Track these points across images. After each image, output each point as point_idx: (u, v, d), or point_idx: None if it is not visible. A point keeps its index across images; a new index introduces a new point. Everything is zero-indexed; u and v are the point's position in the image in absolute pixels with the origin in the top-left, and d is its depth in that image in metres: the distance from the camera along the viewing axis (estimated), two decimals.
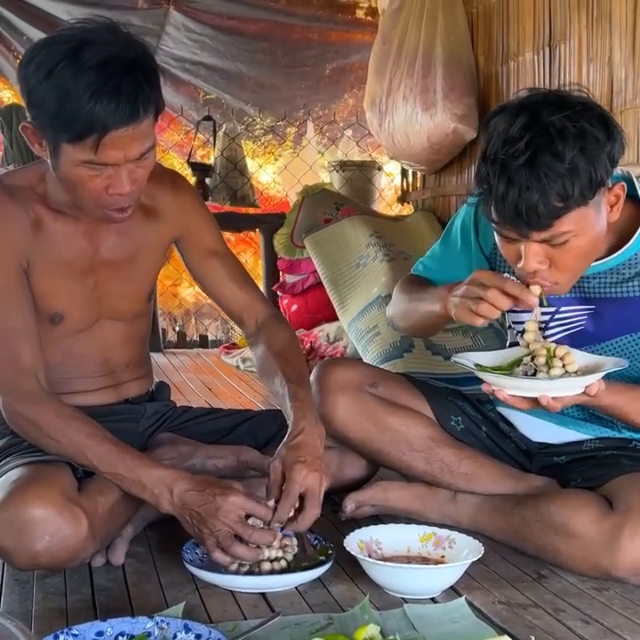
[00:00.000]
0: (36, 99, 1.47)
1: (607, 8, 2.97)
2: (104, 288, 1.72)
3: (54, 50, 1.45)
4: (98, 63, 1.42)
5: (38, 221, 1.63)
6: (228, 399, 3.45)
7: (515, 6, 3.63)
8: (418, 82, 3.83)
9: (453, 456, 1.81)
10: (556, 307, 1.69)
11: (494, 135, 1.47)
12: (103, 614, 1.39)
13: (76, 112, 1.42)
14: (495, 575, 1.60)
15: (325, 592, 1.52)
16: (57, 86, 1.43)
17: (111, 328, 1.76)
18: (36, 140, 1.53)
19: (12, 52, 5.02)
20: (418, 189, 4.67)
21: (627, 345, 1.64)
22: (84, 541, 1.48)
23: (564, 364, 1.52)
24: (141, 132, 1.47)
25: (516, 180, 1.42)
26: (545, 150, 1.42)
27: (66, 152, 1.48)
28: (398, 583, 1.49)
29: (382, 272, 3.81)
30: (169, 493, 1.50)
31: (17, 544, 1.45)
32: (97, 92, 1.41)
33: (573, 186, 1.42)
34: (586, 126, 1.43)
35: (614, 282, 1.63)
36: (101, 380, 1.78)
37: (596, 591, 1.53)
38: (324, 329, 4.18)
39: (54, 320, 1.67)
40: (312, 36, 5.15)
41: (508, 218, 1.46)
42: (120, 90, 1.42)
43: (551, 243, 1.47)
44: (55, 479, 1.51)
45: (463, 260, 1.82)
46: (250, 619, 1.40)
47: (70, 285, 1.68)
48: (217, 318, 5.90)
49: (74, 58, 1.43)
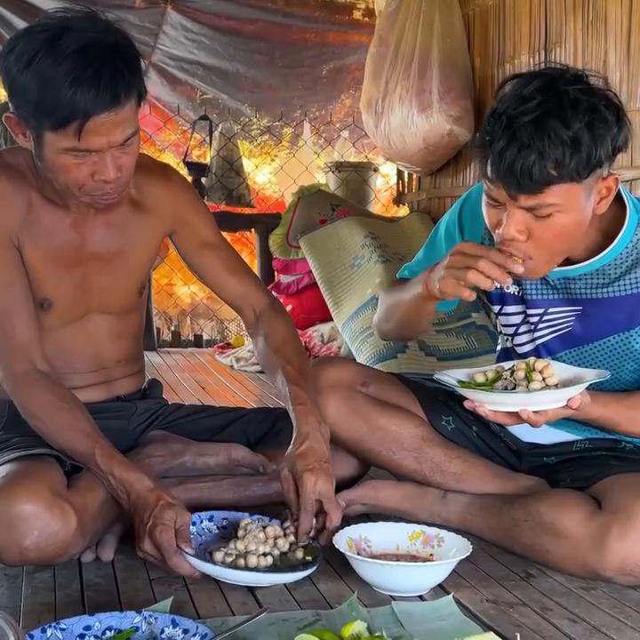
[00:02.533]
0: (17, 88, 1.47)
1: (602, 11, 2.99)
2: (92, 280, 1.73)
3: (33, 39, 1.46)
4: (77, 50, 1.43)
5: (30, 205, 1.64)
6: (222, 398, 3.46)
7: (511, 9, 3.64)
8: (414, 83, 3.84)
9: (443, 455, 1.81)
10: (544, 308, 1.70)
11: (506, 95, 1.47)
12: (92, 609, 1.39)
13: (57, 100, 1.43)
14: (483, 574, 1.60)
15: (314, 589, 1.52)
16: (37, 75, 1.43)
17: (101, 322, 1.77)
18: (20, 131, 1.53)
19: None
20: (413, 191, 4.68)
21: (614, 345, 1.65)
22: (73, 537, 1.49)
23: (543, 378, 1.52)
24: (123, 118, 1.48)
25: (519, 136, 1.42)
26: (554, 115, 1.42)
27: (49, 140, 1.48)
28: (386, 581, 1.50)
29: (377, 273, 3.81)
30: (126, 495, 1.53)
31: (5, 539, 1.45)
32: (77, 78, 1.42)
33: (572, 157, 1.42)
34: (598, 104, 1.44)
35: (600, 283, 1.63)
36: (92, 376, 1.79)
37: (583, 590, 1.53)
38: (318, 329, 4.18)
39: (43, 305, 1.68)
40: (309, 37, 5.16)
41: (501, 175, 1.45)
42: (100, 75, 1.43)
43: (535, 213, 1.46)
44: (44, 475, 1.51)
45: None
46: (238, 615, 1.40)
47: (59, 274, 1.68)
48: (212, 318, 5.91)
49: (53, 46, 1.43)
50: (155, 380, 2.00)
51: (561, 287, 1.67)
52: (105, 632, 1.25)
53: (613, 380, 1.67)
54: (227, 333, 5.88)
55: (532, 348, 1.74)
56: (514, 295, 1.74)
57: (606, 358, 1.66)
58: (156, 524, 1.47)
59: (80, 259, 1.70)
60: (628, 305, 1.61)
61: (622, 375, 1.66)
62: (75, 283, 1.71)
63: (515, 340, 1.77)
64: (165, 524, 1.47)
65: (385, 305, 1.88)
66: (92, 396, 1.77)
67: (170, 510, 1.48)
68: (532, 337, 1.73)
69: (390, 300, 1.85)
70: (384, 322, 1.90)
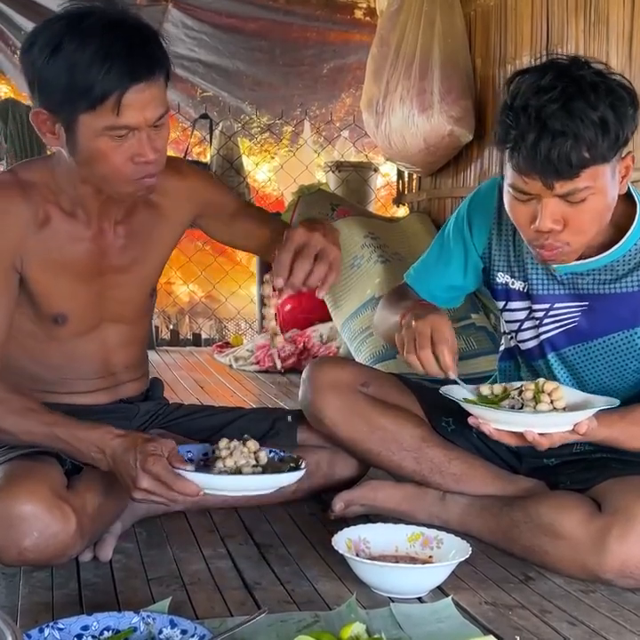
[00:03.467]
0: (45, 79, 1.46)
1: (604, 14, 2.98)
2: (109, 292, 1.70)
3: (54, 28, 1.45)
4: (102, 28, 1.43)
5: (46, 220, 1.60)
6: (220, 397, 3.45)
7: (513, 10, 3.63)
8: (415, 84, 3.83)
9: (443, 456, 1.81)
10: (550, 303, 1.69)
11: (522, 88, 1.47)
12: (90, 609, 1.39)
13: (91, 78, 1.41)
14: (482, 576, 1.60)
15: (312, 590, 1.52)
16: (66, 59, 1.42)
17: (114, 330, 1.75)
18: (48, 129, 1.51)
19: (10, 46, 5.02)
20: (413, 191, 4.67)
21: (618, 342, 1.65)
22: (72, 538, 1.48)
23: (551, 400, 1.52)
24: (157, 92, 1.47)
25: (551, 126, 1.42)
26: (579, 98, 1.43)
27: (85, 124, 1.46)
28: (385, 582, 1.49)
29: (376, 273, 3.81)
30: (101, 454, 1.50)
31: (5, 539, 1.45)
32: (109, 54, 1.41)
33: (603, 137, 1.43)
34: (614, 85, 1.46)
35: (608, 278, 1.63)
36: (100, 381, 1.78)
37: (582, 593, 1.53)
38: (317, 329, 4.18)
39: (57, 321, 1.65)
40: (310, 36, 5.15)
41: (537, 165, 1.44)
42: (132, 48, 1.43)
43: (570, 199, 1.47)
44: (44, 475, 1.51)
45: (456, 262, 1.81)
46: (236, 615, 1.40)
47: (75, 288, 1.65)
48: (211, 317, 5.90)
49: (77, 29, 1.43)
50: (156, 379, 1.98)
51: (568, 282, 1.67)
52: (103, 632, 1.24)
53: (616, 379, 1.67)
54: (225, 332, 5.87)
55: (536, 344, 1.74)
56: (519, 291, 1.73)
57: (610, 356, 1.66)
58: (146, 458, 1.44)
59: (99, 271, 1.68)
60: (635, 302, 1.61)
61: (625, 374, 1.66)
62: (91, 296, 1.68)
63: (518, 336, 1.77)
64: (155, 454, 1.45)
65: (379, 313, 1.89)
66: (96, 399, 1.77)
67: (152, 442, 1.47)
68: (537, 332, 1.72)
69: (383, 313, 1.85)
70: (377, 327, 1.92)
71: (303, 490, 1.92)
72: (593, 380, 1.69)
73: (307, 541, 1.76)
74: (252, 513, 1.90)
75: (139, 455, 1.45)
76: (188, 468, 1.46)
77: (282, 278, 1.49)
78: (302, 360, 4.03)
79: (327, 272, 1.51)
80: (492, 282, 1.77)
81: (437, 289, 1.84)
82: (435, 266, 1.85)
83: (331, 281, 1.51)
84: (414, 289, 1.87)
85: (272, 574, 1.59)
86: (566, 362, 1.71)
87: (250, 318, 5.62)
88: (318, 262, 1.50)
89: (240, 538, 1.78)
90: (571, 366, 1.71)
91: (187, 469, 1.46)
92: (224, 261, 5.74)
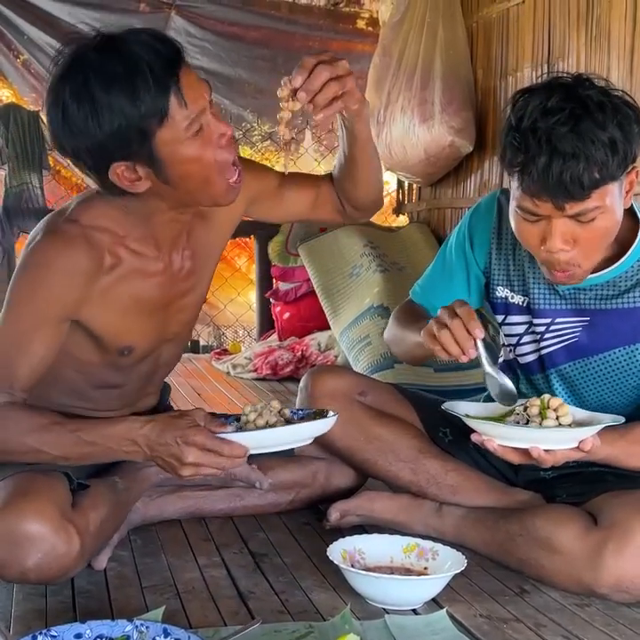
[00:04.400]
0: (103, 134, 1.39)
1: (606, 28, 2.99)
2: (174, 317, 1.68)
3: (75, 87, 1.40)
4: (112, 49, 1.40)
5: (115, 263, 1.54)
6: (218, 405, 3.44)
7: (514, 22, 3.65)
8: (416, 94, 3.84)
9: (440, 467, 1.81)
10: (551, 318, 1.69)
11: (528, 109, 1.47)
12: (83, 617, 1.39)
13: (144, 96, 1.37)
14: (477, 588, 1.60)
15: (307, 600, 1.52)
16: (112, 103, 1.38)
17: (168, 348, 1.73)
18: (130, 178, 1.45)
19: (13, 50, 5.03)
20: (413, 201, 4.68)
21: (619, 358, 1.65)
22: (75, 560, 1.46)
23: (557, 416, 1.50)
24: (193, 71, 1.47)
25: (561, 148, 1.42)
26: (587, 119, 1.43)
27: (165, 140, 1.41)
28: (380, 593, 1.49)
29: (375, 282, 3.81)
30: (135, 446, 1.46)
31: (8, 557, 1.42)
32: (140, 64, 1.38)
33: (613, 157, 1.43)
34: (619, 103, 1.47)
35: (610, 294, 1.63)
36: (136, 396, 1.77)
37: (577, 607, 1.53)
38: (315, 337, 4.18)
39: (124, 353, 1.62)
40: (313, 45, 5.16)
41: (549, 188, 1.44)
42: (156, 45, 1.41)
43: (580, 219, 1.47)
44: (52, 492, 1.47)
45: (459, 277, 1.81)
46: (230, 625, 1.40)
47: (143, 321, 1.62)
48: (209, 324, 5.90)
49: (93, 72, 1.39)
50: (165, 383, 1.95)
51: (570, 297, 1.66)
52: None
53: (615, 396, 1.67)
54: (224, 339, 5.86)
55: (534, 359, 1.74)
56: (518, 305, 1.73)
57: (610, 372, 1.66)
58: (186, 433, 1.41)
59: (166, 302, 1.64)
60: (636, 317, 1.61)
61: (625, 390, 1.66)
62: (157, 325, 1.65)
63: (517, 349, 1.77)
64: (193, 427, 1.42)
65: (394, 332, 1.86)
66: (113, 415, 1.75)
67: (182, 417, 1.45)
68: (537, 347, 1.72)
69: (399, 333, 1.83)
70: (394, 347, 1.89)
71: (300, 500, 1.92)
72: (592, 396, 1.69)
73: (302, 551, 1.76)
74: (248, 522, 1.90)
75: (177, 432, 1.42)
76: (229, 429, 1.44)
77: (301, 78, 1.46)
78: (300, 368, 4.03)
79: (340, 95, 1.48)
80: (492, 296, 1.77)
81: (442, 303, 1.82)
82: (439, 282, 1.84)
83: (337, 107, 1.49)
84: (419, 303, 1.86)
85: (266, 584, 1.59)
86: (566, 377, 1.71)
87: (248, 326, 5.62)
88: (336, 80, 1.47)
89: (235, 547, 1.77)
90: (570, 382, 1.71)
91: (228, 431, 1.44)
92: (223, 268, 5.74)
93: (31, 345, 1.51)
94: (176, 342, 1.76)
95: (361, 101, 1.54)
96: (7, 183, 4.79)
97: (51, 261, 1.49)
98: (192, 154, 1.44)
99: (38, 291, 1.49)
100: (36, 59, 5.01)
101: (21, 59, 5.04)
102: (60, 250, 1.50)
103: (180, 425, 1.43)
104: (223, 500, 1.87)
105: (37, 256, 1.51)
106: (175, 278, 1.63)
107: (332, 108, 1.49)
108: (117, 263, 1.55)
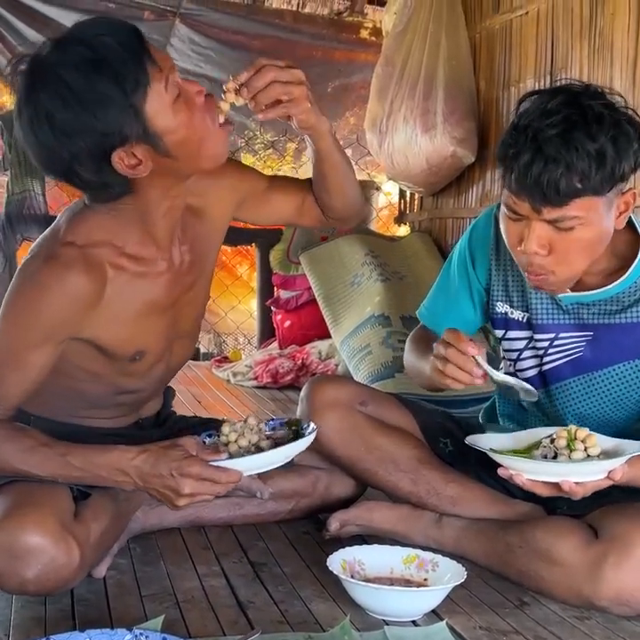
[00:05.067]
0: (96, 116, 1.38)
1: (609, 39, 3.00)
2: (182, 312, 1.67)
3: (42, 93, 1.38)
4: (84, 43, 1.40)
5: (118, 274, 1.53)
6: (218, 413, 3.44)
7: (517, 33, 3.66)
8: (419, 104, 3.85)
9: (440, 478, 1.80)
10: (555, 333, 1.69)
11: (530, 109, 1.47)
12: (82, 625, 1.38)
13: (123, 65, 1.37)
14: (477, 600, 1.59)
15: (306, 610, 1.51)
16: (98, 77, 1.36)
17: (178, 346, 1.72)
18: (131, 164, 1.43)
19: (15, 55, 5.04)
20: (415, 211, 4.69)
21: (623, 372, 1.64)
22: (74, 572, 1.45)
23: (585, 447, 1.48)
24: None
25: (545, 150, 1.42)
26: (580, 128, 1.42)
27: (154, 110, 1.41)
28: (380, 604, 1.49)
29: (376, 291, 3.81)
30: (126, 476, 1.45)
31: (7, 568, 1.42)
32: (122, 43, 1.38)
33: (597, 170, 1.42)
34: (621, 119, 1.46)
35: (614, 309, 1.62)
36: (143, 400, 1.77)
37: (577, 620, 1.52)
38: (316, 346, 4.18)
39: (136, 358, 1.62)
40: (316, 54, 5.18)
41: (527, 187, 1.44)
42: (108, 23, 1.42)
43: (558, 225, 1.46)
44: (52, 502, 1.46)
45: (464, 297, 1.80)
46: (229, 635, 1.39)
47: (152, 324, 1.61)
48: (209, 331, 5.90)
49: (64, 61, 1.38)
50: (169, 388, 1.95)
51: (573, 312, 1.66)
52: None
53: (618, 410, 1.67)
54: (224, 347, 5.86)
55: (535, 374, 1.73)
56: (518, 321, 1.73)
57: (614, 387, 1.66)
58: (181, 465, 1.41)
59: (175, 299, 1.64)
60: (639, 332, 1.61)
61: (627, 405, 1.66)
62: (167, 325, 1.65)
63: (517, 365, 1.76)
64: (186, 457, 1.42)
65: (411, 364, 1.84)
66: (119, 422, 1.76)
67: (175, 447, 1.45)
68: (539, 362, 1.72)
69: (416, 365, 1.81)
70: (415, 378, 1.86)
71: (300, 509, 1.92)
72: (594, 411, 1.69)
73: (301, 561, 1.75)
74: (247, 531, 1.89)
75: (172, 464, 1.42)
76: (223, 457, 1.45)
77: (247, 74, 1.49)
78: (300, 377, 4.02)
79: (285, 98, 1.50)
80: (492, 311, 1.77)
81: (451, 324, 1.78)
82: (445, 304, 1.84)
83: (279, 112, 1.51)
84: (429, 327, 1.85)
85: (266, 593, 1.59)
86: (568, 392, 1.70)
87: (249, 333, 5.62)
88: (281, 84, 1.49)
89: (234, 556, 1.77)
90: (573, 397, 1.70)
91: (223, 459, 1.44)
92: (224, 276, 5.75)
93: (26, 365, 1.50)
94: (187, 340, 1.76)
95: (308, 112, 1.54)
96: (9, 190, 4.80)
97: (51, 288, 1.47)
98: (182, 117, 1.44)
99: (38, 316, 1.48)
100: None
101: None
102: (60, 275, 1.47)
103: (174, 456, 1.43)
104: (223, 508, 1.87)
105: (36, 282, 1.49)
106: (179, 274, 1.63)
107: (273, 111, 1.52)
108: (120, 273, 1.54)
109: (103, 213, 1.53)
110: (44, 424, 1.60)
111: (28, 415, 1.64)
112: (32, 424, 1.60)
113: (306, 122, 1.56)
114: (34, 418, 1.64)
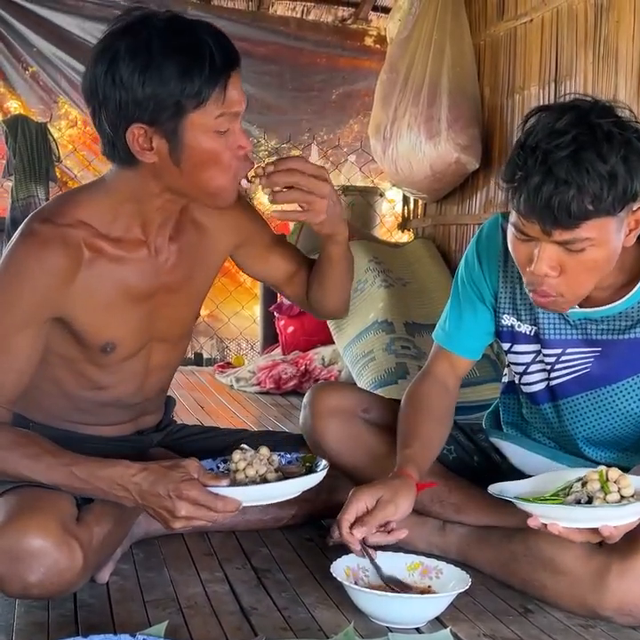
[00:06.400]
0: (143, 92, 1.41)
1: (613, 47, 3.01)
2: (160, 312, 1.67)
3: (130, 39, 1.43)
4: (183, 25, 1.46)
5: (95, 257, 1.54)
6: (220, 418, 3.44)
7: (522, 41, 3.67)
8: (423, 111, 3.86)
9: (443, 486, 1.80)
10: (562, 348, 1.66)
11: (537, 128, 1.43)
12: (85, 630, 1.38)
13: (197, 75, 1.41)
14: (481, 608, 1.59)
15: (309, 617, 1.51)
16: (164, 67, 1.40)
17: (158, 349, 1.72)
18: (142, 145, 1.45)
19: (22, 62, 5.06)
20: (419, 217, 4.70)
21: (632, 387, 1.62)
22: (77, 575, 1.45)
23: (619, 488, 1.43)
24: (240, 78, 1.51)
25: (556, 172, 1.38)
26: (590, 148, 1.39)
27: (194, 122, 1.44)
28: (383, 611, 1.48)
29: (379, 297, 3.82)
30: (126, 492, 1.45)
31: (10, 572, 1.41)
32: (203, 47, 1.42)
33: (609, 191, 1.38)
34: (631, 137, 1.42)
35: (622, 325, 1.60)
36: (129, 411, 1.76)
37: (582, 628, 1.52)
38: (319, 352, 4.18)
39: (106, 349, 1.61)
40: (320, 61, 5.20)
41: (537, 210, 1.41)
42: (218, 38, 1.46)
43: (569, 247, 1.43)
44: (55, 506, 1.46)
45: (481, 308, 1.76)
46: None
47: (124, 314, 1.61)
48: (212, 337, 5.90)
49: (159, 35, 1.42)
50: (169, 398, 1.95)
51: (581, 327, 1.64)
52: None
53: (626, 425, 1.66)
54: (227, 353, 5.86)
55: (542, 388, 1.72)
56: (525, 334, 1.70)
57: (622, 402, 1.64)
58: (179, 487, 1.40)
59: (151, 292, 1.64)
60: None
61: (637, 419, 1.64)
62: (141, 318, 1.64)
63: (523, 378, 1.74)
64: (186, 480, 1.41)
65: (399, 421, 1.78)
66: (120, 431, 1.76)
67: (176, 468, 1.44)
68: (546, 377, 1.70)
69: (400, 429, 1.75)
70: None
71: (303, 515, 1.92)
72: (603, 426, 1.67)
73: (305, 567, 1.75)
74: (251, 537, 1.89)
75: (170, 485, 1.41)
76: (224, 483, 1.44)
77: (274, 169, 1.53)
78: (303, 382, 4.03)
79: (305, 206, 1.55)
80: (498, 324, 1.74)
81: (472, 340, 1.79)
82: (464, 321, 1.78)
83: (294, 215, 1.61)
84: (448, 348, 1.80)
85: (269, 600, 1.58)
86: (577, 408, 1.69)
87: (252, 339, 5.62)
88: (302, 192, 1.54)
89: (238, 562, 1.77)
90: (581, 412, 1.69)
91: (223, 485, 1.44)
92: (228, 282, 5.75)
93: (15, 349, 1.51)
94: (168, 344, 1.74)
95: (323, 223, 1.59)
96: (14, 196, 4.81)
97: (29, 265, 1.49)
98: (212, 147, 1.47)
99: (18, 294, 1.49)
100: (45, 71, 5.05)
101: (30, 70, 5.08)
102: (37, 252, 1.49)
103: (174, 477, 1.42)
104: None
105: (14, 260, 1.51)
106: (159, 268, 1.63)
107: (289, 214, 1.61)
108: (97, 255, 1.55)
109: (96, 193, 1.56)
110: (44, 431, 1.60)
111: (27, 421, 1.64)
112: (31, 430, 1.60)
113: (319, 230, 1.62)
114: (32, 424, 1.65)
